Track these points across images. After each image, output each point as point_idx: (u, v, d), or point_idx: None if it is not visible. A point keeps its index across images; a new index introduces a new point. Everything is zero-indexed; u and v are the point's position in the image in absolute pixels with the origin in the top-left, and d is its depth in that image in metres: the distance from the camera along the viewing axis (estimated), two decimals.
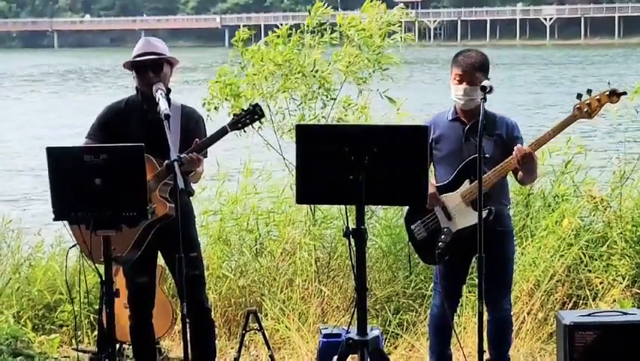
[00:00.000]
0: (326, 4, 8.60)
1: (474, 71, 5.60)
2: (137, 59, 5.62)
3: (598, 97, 5.46)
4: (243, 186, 8.65)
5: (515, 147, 5.53)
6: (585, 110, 5.47)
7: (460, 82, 5.62)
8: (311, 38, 8.39)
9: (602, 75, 37.85)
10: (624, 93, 5.53)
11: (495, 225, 5.64)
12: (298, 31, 8.40)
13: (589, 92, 5.49)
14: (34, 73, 59.78)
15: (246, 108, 5.64)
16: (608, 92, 5.45)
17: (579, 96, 5.50)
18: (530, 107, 31.90)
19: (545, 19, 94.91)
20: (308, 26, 8.42)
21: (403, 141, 4.64)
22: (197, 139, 5.50)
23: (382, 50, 8.28)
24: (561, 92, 35.40)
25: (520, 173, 5.70)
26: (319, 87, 8.21)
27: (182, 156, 5.27)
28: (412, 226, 5.90)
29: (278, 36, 8.27)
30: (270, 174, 8.86)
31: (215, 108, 8.13)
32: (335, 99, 8.30)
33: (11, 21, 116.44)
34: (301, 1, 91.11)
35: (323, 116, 8.29)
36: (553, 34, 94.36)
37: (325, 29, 8.54)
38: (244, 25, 8.79)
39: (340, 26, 8.36)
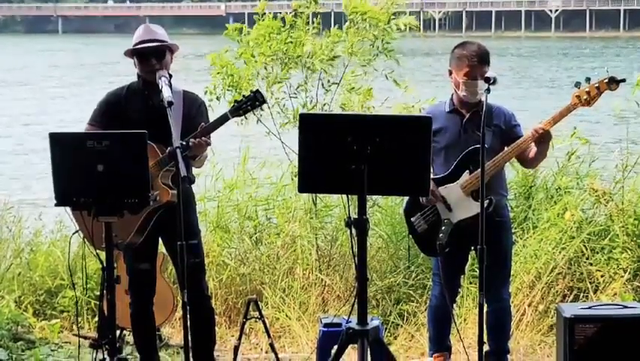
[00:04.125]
0: None
1: (483, 65, 5.60)
2: (139, 46, 5.62)
3: (597, 85, 5.45)
4: (240, 172, 8.64)
5: (532, 128, 5.54)
6: (584, 98, 5.46)
7: (475, 77, 5.59)
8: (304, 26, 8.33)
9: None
10: (623, 80, 5.51)
11: (494, 215, 5.64)
12: (284, 18, 8.33)
13: (587, 80, 5.48)
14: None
15: (247, 94, 5.63)
16: (607, 80, 5.45)
17: (577, 84, 5.48)
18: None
19: (551, 10, 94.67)
20: (298, 12, 8.35)
21: (405, 131, 4.64)
22: (202, 123, 5.50)
23: (388, 32, 8.23)
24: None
25: (530, 154, 5.69)
26: (317, 72, 8.16)
27: (190, 140, 5.29)
28: (412, 219, 5.90)
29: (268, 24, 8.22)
30: (264, 162, 8.83)
31: (217, 98, 8.10)
32: (338, 84, 8.27)
33: (16, 5, 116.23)
34: None
35: (325, 103, 8.26)
36: (559, 26, 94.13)
37: (316, 16, 8.49)
38: (249, 13, 8.74)
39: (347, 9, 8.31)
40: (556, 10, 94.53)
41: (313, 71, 8.22)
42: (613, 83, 5.44)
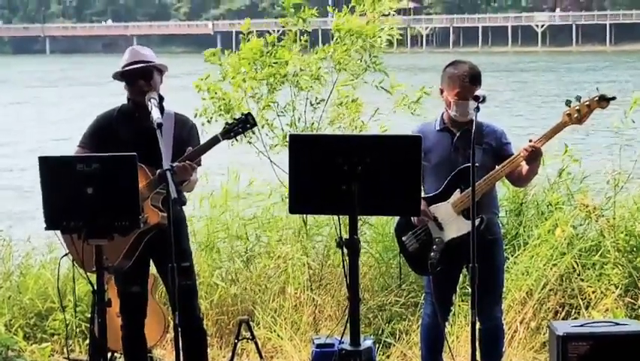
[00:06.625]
0: (317, 8, 8.55)
1: (475, 86, 5.58)
2: (126, 68, 5.60)
3: (587, 103, 5.45)
4: (224, 191, 8.60)
5: (523, 147, 5.53)
6: (575, 116, 5.47)
7: (465, 98, 5.58)
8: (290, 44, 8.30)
9: None
10: (613, 98, 5.52)
11: (486, 233, 5.64)
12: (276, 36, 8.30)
13: (578, 98, 5.49)
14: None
15: (238, 117, 5.63)
16: (597, 98, 5.45)
17: (568, 103, 5.49)
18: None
19: (537, 25, 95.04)
20: (286, 30, 8.33)
21: (396, 151, 4.64)
22: (189, 147, 5.49)
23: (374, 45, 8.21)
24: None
25: (521, 172, 5.68)
26: (304, 90, 8.14)
27: (174, 165, 5.26)
28: (404, 238, 5.88)
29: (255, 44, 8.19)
30: (252, 182, 8.80)
31: (209, 121, 8.06)
32: (326, 101, 8.24)
33: (3, 26, 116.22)
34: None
35: (314, 121, 8.22)
36: (545, 41, 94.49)
37: (303, 34, 8.46)
38: (236, 32, 8.72)
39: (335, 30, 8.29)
40: (543, 25, 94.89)
41: (300, 89, 8.20)
42: (603, 100, 5.44)
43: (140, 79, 5.58)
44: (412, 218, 5.75)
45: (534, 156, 5.56)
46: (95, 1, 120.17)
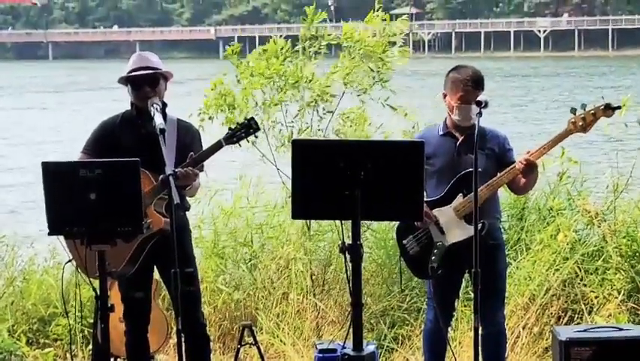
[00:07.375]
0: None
1: (478, 90, 5.59)
2: (133, 73, 5.61)
3: (593, 111, 5.45)
4: (236, 198, 8.63)
5: (519, 159, 5.55)
6: (580, 124, 5.47)
7: (468, 102, 5.59)
8: (305, 52, 8.33)
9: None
10: (619, 107, 5.53)
11: (487, 238, 5.63)
12: (289, 41, 8.33)
13: (583, 106, 5.49)
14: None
15: (241, 122, 5.64)
16: (602, 107, 5.45)
17: (573, 110, 5.49)
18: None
19: (539, 31, 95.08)
20: (304, 38, 8.37)
21: (398, 156, 4.65)
22: (192, 153, 5.50)
23: (384, 61, 8.23)
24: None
25: (519, 183, 5.70)
26: (316, 101, 8.15)
27: (177, 170, 5.27)
28: (404, 241, 5.88)
29: (265, 50, 8.22)
30: (264, 187, 8.83)
31: (210, 118, 8.08)
32: (332, 112, 8.27)
33: (6, 32, 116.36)
34: (295, 13, 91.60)
35: (320, 129, 8.26)
36: (547, 46, 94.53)
37: (317, 38, 8.47)
38: (239, 37, 8.75)
39: (340, 38, 8.30)
40: (545, 31, 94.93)
41: (309, 105, 8.22)
42: (609, 109, 5.45)
43: (146, 85, 5.59)
44: None
45: (528, 169, 5.56)
46: (98, 7, 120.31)
